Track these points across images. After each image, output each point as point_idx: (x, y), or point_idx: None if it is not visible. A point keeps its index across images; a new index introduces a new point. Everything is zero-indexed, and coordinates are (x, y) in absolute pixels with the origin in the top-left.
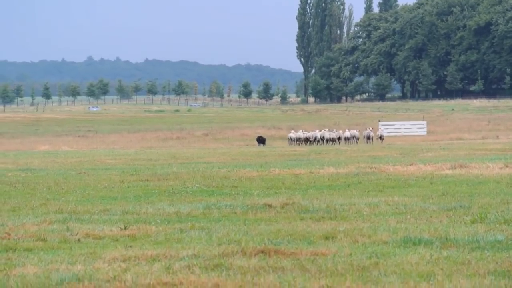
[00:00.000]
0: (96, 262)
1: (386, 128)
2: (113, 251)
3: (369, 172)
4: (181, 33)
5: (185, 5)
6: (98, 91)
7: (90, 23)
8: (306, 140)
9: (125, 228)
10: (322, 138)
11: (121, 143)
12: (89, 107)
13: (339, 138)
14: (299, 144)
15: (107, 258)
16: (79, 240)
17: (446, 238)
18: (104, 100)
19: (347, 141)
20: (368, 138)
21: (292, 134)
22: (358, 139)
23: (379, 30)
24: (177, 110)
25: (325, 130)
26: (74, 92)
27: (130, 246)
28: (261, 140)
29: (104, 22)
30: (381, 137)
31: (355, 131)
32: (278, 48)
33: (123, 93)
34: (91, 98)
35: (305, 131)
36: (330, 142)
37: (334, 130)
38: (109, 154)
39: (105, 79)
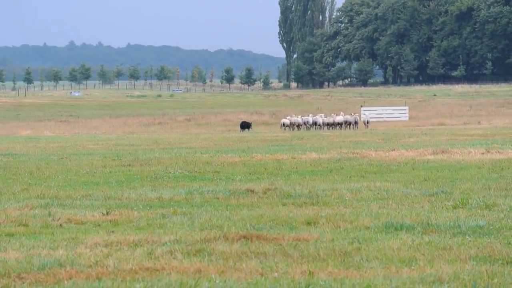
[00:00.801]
0: (78, 247)
1: (368, 113)
2: (95, 236)
3: (351, 158)
4: (163, 18)
5: None
6: (80, 76)
7: (72, 8)
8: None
9: (107, 213)
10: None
11: (103, 128)
12: (71, 92)
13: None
14: (292, 129)
15: (89, 243)
16: (61, 225)
17: (428, 224)
18: (86, 85)
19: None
20: (356, 123)
21: (286, 120)
22: (356, 123)
23: (361, 15)
24: (159, 95)
25: (320, 116)
26: (56, 77)
27: (112, 232)
28: (245, 125)
29: (86, 6)
30: (368, 122)
31: (348, 116)
32: (260, 33)
33: (105, 78)
34: (73, 83)
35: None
36: (327, 127)
37: (332, 114)
38: (91, 139)
39: (87, 64)
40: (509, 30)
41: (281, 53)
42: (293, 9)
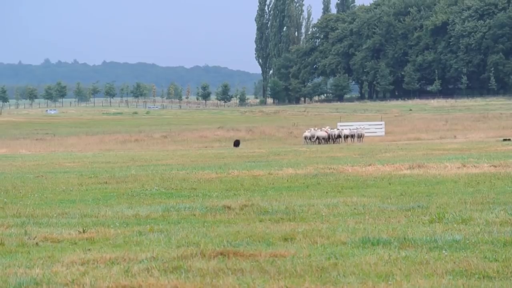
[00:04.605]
0: (54, 266)
1: (345, 128)
2: (71, 254)
3: (327, 173)
4: (138, 35)
5: (142, 7)
6: (56, 93)
7: (47, 26)
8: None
9: (84, 231)
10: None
11: (79, 146)
12: (47, 110)
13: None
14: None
15: (66, 261)
16: (37, 243)
17: (405, 238)
18: (62, 103)
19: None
20: (339, 137)
21: (307, 133)
22: (362, 137)
23: (337, 31)
24: (136, 113)
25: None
26: (31, 95)
27: (89, 250)
28: (237, 143)
29: (61, 24)
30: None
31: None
32: (236, 49)
33: (81, 95)
34: (48, 101)
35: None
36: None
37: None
38: (67, 157)
39: (63, 82)
40: (483, 44)
41: (257, 69)
42: (269, 25)
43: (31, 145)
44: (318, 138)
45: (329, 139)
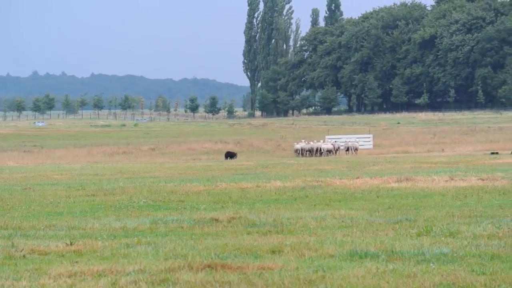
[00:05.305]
0: (41, 278)
1: (334, 141)
2: (58, 267)
3: (315, 186)
4: (127, 48)
5: (131, 19)
6: (44, 106)
7: (35, 38)
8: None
9: (71, 243)
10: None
11: (67, 158)
12: (34, 122)
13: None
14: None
15: (53, 274)
16: (24, 256)
17: (392, 251)
18: (50, 115)
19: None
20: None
21: (297, 145)
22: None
23: (325, 44)
24: (124, 125)
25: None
26: (19, 107)
27: (76, 262)
28: (229, 155)
29: (49, 37)
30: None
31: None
32: (224, 62)
33: (69, 108)
34: (36, 113)
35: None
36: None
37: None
38: (55, 169)
39: (51, 94)
40: (471, 58)
41: (246, 82)
42: (257, 38)
43: (18, 157)
44: (321, 150)
45: (330, 152)
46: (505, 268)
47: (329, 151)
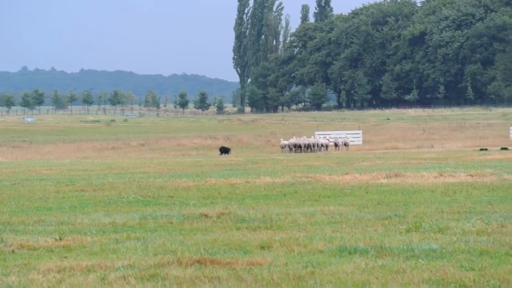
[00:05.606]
0: (30, 273)
1: (322, 137)
2: (47, 262)
3: (305, 182)
4: (116, 43)
5: (120, 15)
6: (33, 101)
7: (25, 33)
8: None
9: (60, 238)
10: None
11: (56, 153)
12: (24, 118)
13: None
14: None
15: (42, 269)
16: (13, 251)
17: (381, 247)
18: (39, 110)
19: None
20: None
21: (284, 141)
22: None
23: (315, 40)
24: (113, 120)
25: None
26: (8, 102)
27: (65, 257)
28: (224, 150)
29: (38, 32)
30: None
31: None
32: (214, 58)
33: (58, 103)
34: (26, 108)
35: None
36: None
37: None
38: (44, 164)
39: (40, 89)
40: (461, 54)
41: (236, 78)
42: (247, 34)
43: (7, 153)
44: (319, 145)
45: (325, 146)
46: (493, 264)
47: (326, 146)
